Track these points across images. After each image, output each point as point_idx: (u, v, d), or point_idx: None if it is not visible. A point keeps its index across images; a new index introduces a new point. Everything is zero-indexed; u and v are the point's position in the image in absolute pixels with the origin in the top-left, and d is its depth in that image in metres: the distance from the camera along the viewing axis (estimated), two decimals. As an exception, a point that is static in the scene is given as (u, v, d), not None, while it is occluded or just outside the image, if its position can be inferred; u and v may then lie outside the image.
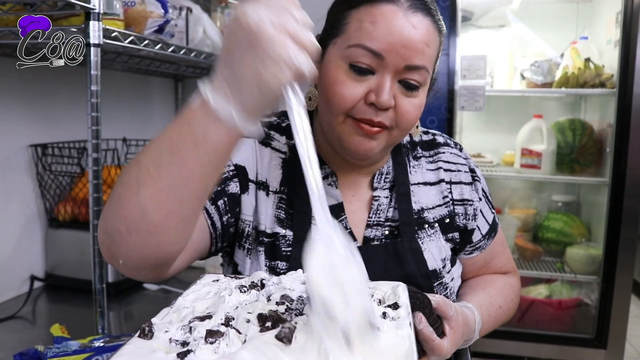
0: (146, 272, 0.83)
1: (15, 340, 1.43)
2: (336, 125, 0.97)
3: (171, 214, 0.72)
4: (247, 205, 1.04)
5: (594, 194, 2.88)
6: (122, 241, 0.74)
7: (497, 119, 3.09)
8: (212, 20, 2.02)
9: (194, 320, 0.64)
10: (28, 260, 1.81)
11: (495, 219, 1.21)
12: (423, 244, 1.07)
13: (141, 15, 1.54)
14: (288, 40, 0.64)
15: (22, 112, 1.76)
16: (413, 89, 0.94)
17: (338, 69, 0.94)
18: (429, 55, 0.94)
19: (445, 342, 0.91)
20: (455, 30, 2.55)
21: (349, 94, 0.93)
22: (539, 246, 2.91)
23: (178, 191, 0.71)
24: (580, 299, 2.85)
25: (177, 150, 0.69)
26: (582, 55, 2.67)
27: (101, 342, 1.20)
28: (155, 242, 0.74)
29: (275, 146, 1.08)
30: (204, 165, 0.70)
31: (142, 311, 1.73)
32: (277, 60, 0.64)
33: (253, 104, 0.67)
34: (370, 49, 0.91)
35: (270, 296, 0.69)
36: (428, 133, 1.20)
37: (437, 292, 1.06)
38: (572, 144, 2.78)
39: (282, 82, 0.65)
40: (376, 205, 1.09)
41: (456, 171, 1.15)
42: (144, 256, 0.76)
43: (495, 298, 1.15)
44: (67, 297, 1.78)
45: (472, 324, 1.03)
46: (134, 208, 0.71)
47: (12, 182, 1.74)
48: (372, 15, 0.92)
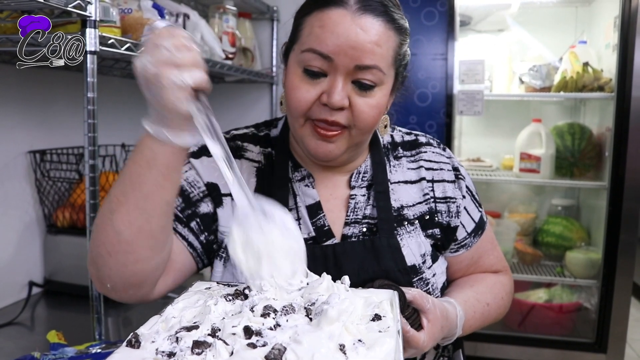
0: (132, 291, 0.93)
1: (13, 347, 1.43)
2: (298, 129, 1.03)
3: (141, 230, 0.85)
4: (225, 217, 1.10)
5: (593, 197, 2.88)
6: (105, 264, 0.88)
7: (496, 124, 3.08)
8: (210, 27, 2.02)
9: (181, 330, 0.65)
10: (27, 266, 1.82)
11: (482, 217, 1.22)
12: (402, 240, 1.10)
13: (138, 22, 1.55)
14: (167, 70, 0.77)
15: (20, 118, 1.76)
16: (367, 89, 0.99)
17: (294, 74, 1.00)
18: (381, 55, 0.97)
19: (422, 334, 0.94)
20: (453, 35, 2.55)
21: (302, 97, 0.99)
22: (539, 250, 2.91)
23: (143, 208, 0.84)
24: (580, 303, 2.84)
25: (136, 175, 0.84)
26: (580, 60, 2.67)
27: (98, 349, 1.20)
28: (132, 259, 0.87)
29: (249, 156, 1.15)
30: (159, 180, 0.84)
31: (141, 317, 1.73)
32: (168, 87, 0.77)
33: (173, 123, 0.81)
34: (319, 52, 0.96)
35: (253, 307, 0.69)
36: (411, 134, 1.24)
37: (417, 287, 1.08)
38: (571, 148, 2.78)
39: (181, 101, 0.78)
40: (353, 204, 1.12)
41: (438, 170, 1.18)
42: (125, 275, 0.89)
43: (483, 295, 1.17)
44: (65, 302, 1.79)
45: (452, 319, 1.04)
46: (110, 232, 0.85)
47: (11, 188, 1.74)
48: (321, 20, 0.97)
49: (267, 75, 2.58)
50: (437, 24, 2.53)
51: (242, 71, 2.22)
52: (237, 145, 1.16)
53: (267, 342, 0.61)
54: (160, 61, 0.77)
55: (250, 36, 2.45)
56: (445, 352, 1.20)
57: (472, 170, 2.89)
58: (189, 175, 1.10)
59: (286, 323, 0.65)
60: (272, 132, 1.19)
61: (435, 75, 2.56)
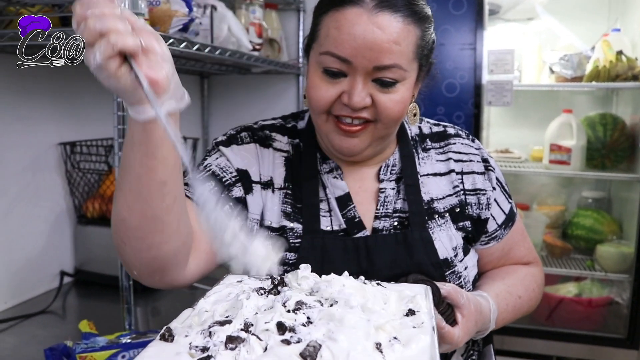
0: (158, 277, 0.90)
1: (46, 334, 1.46)
2: (321, 125, 1.03)
3: (144, 215, 0.81)
4: (254, 205, 1.09)
5: (625, 190, 2.81)
6: (124, 253, 0.87)
7: (525, 114, 3.03)
8: (237, 18, 2.02)
9: (214, 325, 0.64)
10: (58, 256, 1.85)
11: (512, 209, 1.21)
12: (433, 233, 1.09)
13: (166, 14, 1.55)
14: (87, 52, 0.66)
15: (51, 111, 1.79)
16: (389, 85, 0.97)
17: (314, 73, 1.00)
18: (401, 52, 0.95)
19: (456, 330, 0.92)
20: (482, 24, 2.50)
21: (322, 96, 0.98)
22: (568, 243, 2.85)
23: (138, 191, 0.80)
24: (611, 298, 2.78)
25: (125, 158, 0.80)
26: (614, 48, 2.59)
27: (128, 339, 1.21)
28: (145, 245, 0.84)
29: (277, 146, 1.14)
30: (143, 160, 0.77)
31: (169, 307, 1.75)
32: (94, 67, 0.66)
33: (128, 99, 0.72)
34: (337, 56, 0.95)
35: (285, 302, 0.69)
36: (439, 125, 1.23)
37: (449, 280, 1.07)
38: (602, 139, 2.71)
39: (110, 75, 0.67)
40: (383, 197, 1.11)
41: (467, 161, 1.16)
42: (143, 262, 0.87)
43: (515, 288, 1.15)
44: (95, 292, 1.82)
45: (486, 313, 1.03)
46: (117, 221, 0.84)
47: (42, 180, 1.77)
48: (337, 21, 0.95)
49: (293, 66, 2.57)
50: (465, 13, 2.48)
51: (269, 62, 2.22)
52: (266, 134, 1.15)
53: (301, 338, 0.60)
54: (84, 33, 0.66)
55: (276, 27, 2.44)
56: (475, 347, 1.18)
57: (501, 161, 2.84)
58: (220, 162, 1.10)
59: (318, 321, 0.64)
60: (299, 125, 1.19)
61: (463, 65, 2.51)
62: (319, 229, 1.07)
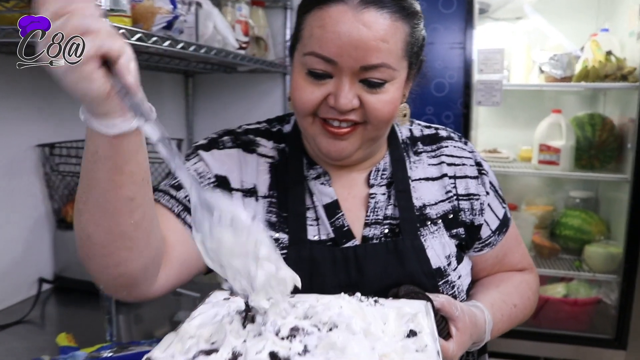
0: (125, 292, 0.84)
1: (23, 347, 1.40)
2: (307, 127, 0.98)
3: (110, 231, 0.75)
4: None
5: (613, 190, 2.81)
6: (89, 268, 0.80)
7: (514, 114, 3.01)
8: (223, 15, 1.96)
9: (199, 354, 0.59)
10: (36, 262, 1.78)
11: (506, 214, 1.17)
12: (426, 241, 1.04)
13: (149, 11, 1.49)
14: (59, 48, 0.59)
15: (28, 112, 1.72)
16: (377, 86, 0.92)
17: (298, 75, 0.95)
18: (389, 50, 0.91)
19: (450, 344, 0.89)
20: (472, 23, 2.47)
21: (307, 99, 0.93)
22: (557, 243, 2.85)
23: (104, 207, 0.73)
24: (599, 298, 2.78)
25: (87, 172, 0.72)
26: (602, 48, 2.59)
27: (109, 352, 1.17)
28: (112, 262, 0.77)
29: (262, 152, 1.08)
30: (110, 175, 0.71)
31: (152, 315, 1.68)
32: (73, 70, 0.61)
33: (96, 109, 0.65)
34: (321, 56, 0.90)
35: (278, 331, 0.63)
36: (430, 127, 1.18)
37: (442, 290, 1.02)
38: (591, 140, 2.70)
39: (82, 80, 0.61)
40: (373, 203, 1.06)
41: (460, 165, 1.12)
42: (110, 278, 0.81)
43: (510, 296, 1.12)
44: (75, 299, 1.75)
45: (481, 325, 1.00)
46: (82, 236, 0.76)
47: (20, 183, 1.70)
48: (321, 19, 0.90)
49: (280, 65, 2.52)
50: (455, 11, 2.45)
51: (255, 61, 2.17)
52: (250, 139, 1.09)
53: (298, 370, 0.55)
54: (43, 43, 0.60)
55: (263, 25, 2.39)
56: (470, 357, 1.15)
57: (489, 161, 2.79)
58: (197, 167, 1.03)
59: (315, 349, 0.59)
60: (284, 128, 1.13)
61: (452, 64, 2.48)
62: (306, 239, 1.01)
